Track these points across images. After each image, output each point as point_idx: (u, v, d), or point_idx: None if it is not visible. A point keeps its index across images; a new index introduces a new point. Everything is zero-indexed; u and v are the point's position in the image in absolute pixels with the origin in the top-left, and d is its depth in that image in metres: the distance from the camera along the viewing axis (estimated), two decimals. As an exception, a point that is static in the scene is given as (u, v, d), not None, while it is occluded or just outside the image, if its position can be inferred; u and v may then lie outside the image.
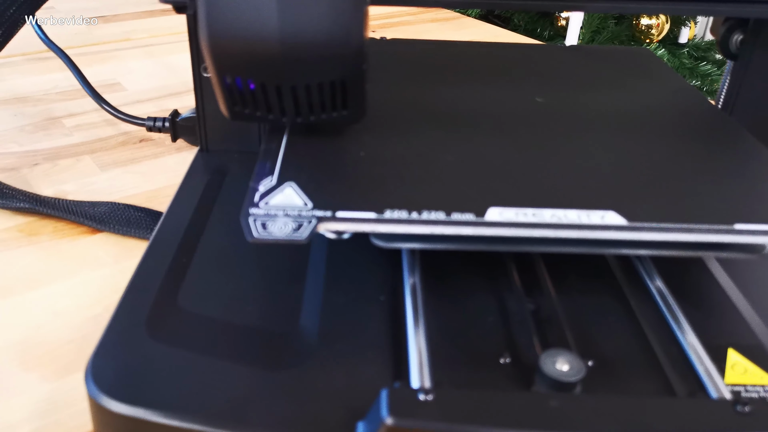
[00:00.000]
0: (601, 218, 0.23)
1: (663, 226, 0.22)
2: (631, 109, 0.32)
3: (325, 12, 0.23)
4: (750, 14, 0.29)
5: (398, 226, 0.22)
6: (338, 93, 0.25)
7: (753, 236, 0.22)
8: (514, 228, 0.22)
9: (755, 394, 0.22)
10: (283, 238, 0.21)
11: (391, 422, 0.18)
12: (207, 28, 0.23)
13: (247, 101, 0.25)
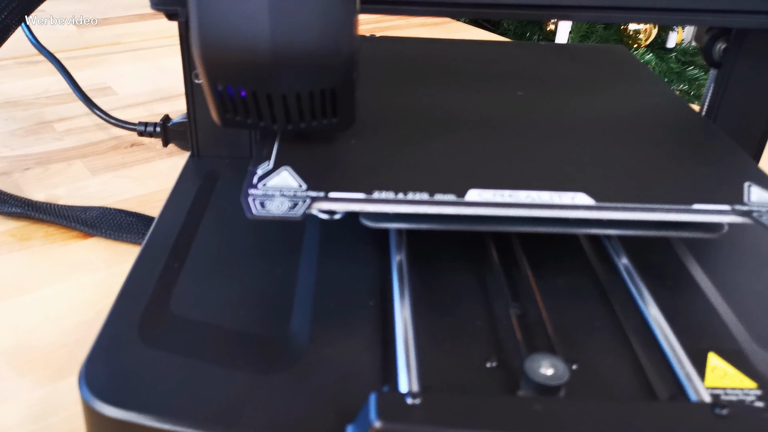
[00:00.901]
0: (571, 199, 0.24)
1: (628, 206, 0.24)
2: (604, 102, 0.34)
3: (316, 22, 0.23)
4: (732, 24, 0.30)
5: (385, 206, 0.24)
6: (328, 101, 0.25)
7: (710, 215, 0.24)
8: (492, 207, 0.24)
9: (734, 397, 0.22)
10: (280, 215, 0.23)
11: (380, 426, 0.18)
12: (199, 38, 0.23)
13: (238, 109, 0.26)
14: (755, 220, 0.24)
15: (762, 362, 0.24)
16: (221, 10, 0.23)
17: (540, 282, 0.27)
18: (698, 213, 0.24)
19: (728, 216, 0.24)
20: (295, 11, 0.23)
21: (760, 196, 0.25)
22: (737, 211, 0.24)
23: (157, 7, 0.29)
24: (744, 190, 0.26)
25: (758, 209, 0.24)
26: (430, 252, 0.28)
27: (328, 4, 0.23)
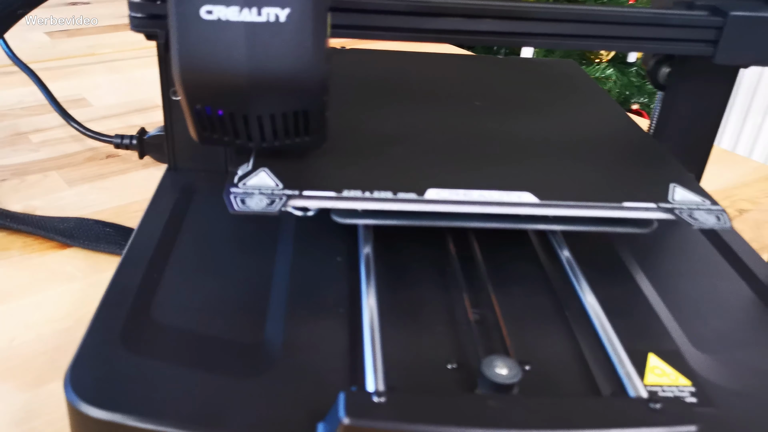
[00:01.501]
0: (518, 197, 0.27)
1: (566, 204, 0.27)
2: (550, 112, 0.38)
3: (289, 50, 0.25)
4: (673, 51, 0.33)
5: (354, 203, 0.26)
6: (301, 121, 0.27)
7: (637, 212, 0.27)
8: (448, 204, 0.27)
9: (671, 393, 0.25)
10: (259, 211, 0.26)
11: (348, 422, 0.20)
12: (179, 62, 0.25)
13: (215, 127, 0.27)
14: (677, 216, 0.27)
15: (696, 362, 0.26)
16: (201, 36, 0.24)
17: (495, 282, 0.29)
18: (627, 210, 0.27)
19: (654, 212, 0.27)
20: (270, 39, 0.25)
21: (683, 195, 0.29)
22: (662, 208, 0.27)
23: (137, 29, 0.30)
24: (669, 190, 0.29)
25: (680, 207, 0.28)
26: (394, 247, 0.31)
27: (300, 34, 0.25)
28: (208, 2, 0.24)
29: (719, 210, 0.28)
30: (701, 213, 0.27)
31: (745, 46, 0.31)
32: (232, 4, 0.24)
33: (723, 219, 0.27)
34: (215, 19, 0.24)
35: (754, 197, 0.49)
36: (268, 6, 0.24)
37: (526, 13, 0.31)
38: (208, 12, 0.24)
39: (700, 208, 0.28)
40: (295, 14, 0.24)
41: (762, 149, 1.28)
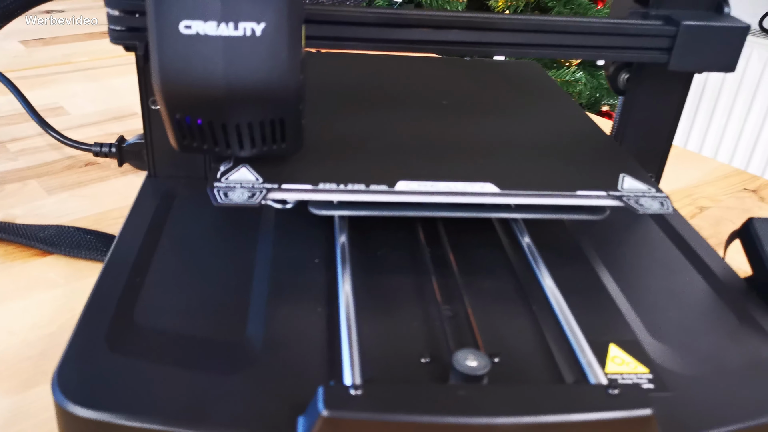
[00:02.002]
0: (480, 187, 0.30)
1: (524, 192, 0.30)
2: (513, 110, 0.40)
3: (265, 62, 0.26)
4: (630, 59, 0.35)
5: (329, 195, 0.28)
6: (278, 129, 0.28)
7: (589, 199, 0.30)
8: (416, 195, 0.29)
9: (629, 380, 0.26)
10: (241, 203, 0.27)
11: (327, 414, 0.21)
12: (159, 75, 0.26)
13: (195, 136, 0.29)
14: (625, 203, 0.30)
15: (653, 350, 0.28)
16: (180, 50, 0.26)
17: (464, 274, 0.31)
18: (580, 197, 0.30)
19: (604, 200, 0.30)
20: (246, 52, 0.26)
21: (631, 184, 0.31)
22: (611, 195, 0.30)
23: (116, 41, 0.31)
24: (619, 179, 0.32)
25: (627, 194, 0.30)
26: (368, 237, 0.33)
27: (275, 46, 0.26)
28: (187, 17, 0.25)
29: (663, 197, 0.30)
30: (646, 200, 0.30)
31: (696, 53, 0.33)
32: (210, 19, 0.25)
33: (666, 204, 0.30)
34: (194, 33, 0.25)
35: (713, 195, 0.52)
36: (245, 21, 0.25)
37: (492, 24, 0.33)
38: (187, 27, 0.25)
39: (645, 195, 0.30)
40: (270, 28, 0.26)
41: (726, 149, 1.32)
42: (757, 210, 0.50)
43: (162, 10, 0.25)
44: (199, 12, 0.25)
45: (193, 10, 0.25)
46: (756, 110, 1.26)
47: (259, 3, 0.25)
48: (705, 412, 0.25)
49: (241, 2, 0.25)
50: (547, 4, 1.13)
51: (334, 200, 0.29)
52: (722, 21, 0.33)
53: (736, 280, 0.33)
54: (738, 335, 0.29)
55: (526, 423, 0.22)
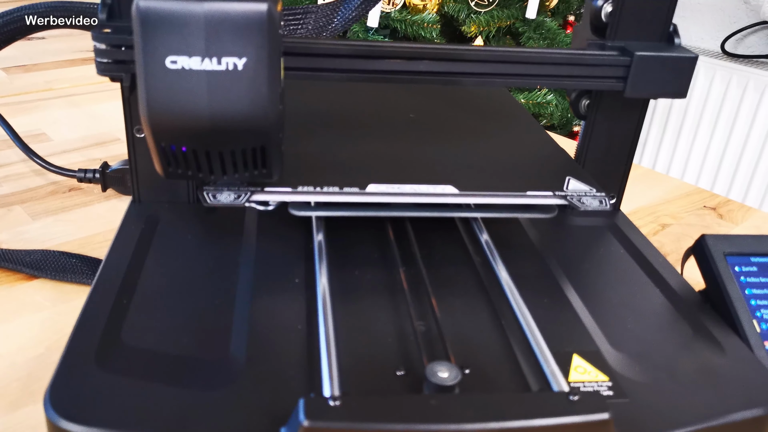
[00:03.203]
0: (442, 189, 0.34)
1: (481, 194, 0.34)
2: (475, 125, 0.46)
3: (247, 94, 0.28)
4: (589, 87, 0.37)
5: (307, 196, 0.32)
6: (259, 156, 0.30)
7: (538, 198, 0.34)
8: (385, 196, 0.33)
9: (591, 388, 0.28)
10: (228, 204, 0.31)
11: (308, 424, 0.23)
12: (147, 106, 0.28)
13: (180, 163, 0.30)
14: (569, 201, 0.34)
15: (613, 359, 0.29)
16: (166, 83, 0.27)
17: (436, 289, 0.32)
18: (529, 197, 0.34)
19: (550, 199, 0.34)
20: (229, 85, 0.28)
21: (575, 185, 0.36)
22: (557, 195, 0.35)
23: (103, 73, 0.32)
24: (565, 182, 0.36)
25: (571, 194, 0.35)
26: (343, 237, 0.36)
27: (256, 80, 0.28)
28: (173, 53, 0.27)
29: (602, 195, 0.35)
30: (587, 198, 0.35)
31: (650, 81, 0.36)
32: (194, 55, 0.27)
33: (604, 202, 0.35)
34: (179, 68, 0.27)
35: (675, 213, 0.54)
36: (227, 56, 0.27)
37: (459, 56, 0.35)
38: (173, 62, 0.27)
39: (587, 194, 0.35)
40: (251, 63, 0.27)
41: (692, 168, 1.37)
42: (716, 226, 0.53)
43: (149, 46, 0.27)
44: (184, 48, 0.27)
45: (179, 46, 0.27)
46: (720, 130, 1.31)
47: (240, 39, 0.27)
48: (660, 416, 0.27)
49: (224, 39, 0.27)
50: (518, 30, 1.17)
51: (312, 202, 0.32)
52: (673, 51, 0.36)
53: (691, 293, 0.35)
54: (692, 344, 0.31)
55: (493, 429, 0.23)
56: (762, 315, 0.32)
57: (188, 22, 0.27)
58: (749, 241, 0.35)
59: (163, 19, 0.27)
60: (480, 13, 1.14)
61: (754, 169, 1.27)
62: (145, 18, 0.27)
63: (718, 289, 0.33)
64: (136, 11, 0.27)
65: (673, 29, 0.37)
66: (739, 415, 0.27)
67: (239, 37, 0.27)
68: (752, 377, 0.29)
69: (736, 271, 0.34)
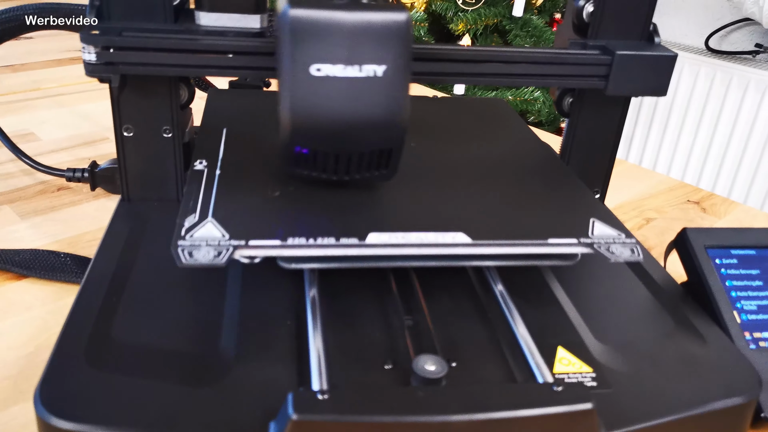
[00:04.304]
0: (452, 238, 0.30)
1: (497, 243, 0.30)
2: (481, 153, 0.40)
3: (384, 99, 0.29)
4: (571, 85, 0.38)
5: (298, 250, 0.28)
6: (384, 158, 0.32)
7: (561, 247, 0.30)
8: (388, 248, 0.29)
9: (575, 379, 0.29)
10: (206, 263, 0.27)
11: (297, 418, 0.23)
12: (290, 111, 0.29)
13: (308, 164, 0.32)
14: (595, 250, 0.30)
15: (597, 351, 0.30)
16: (310, 90, 0.29)
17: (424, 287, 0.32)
18: (552, 246, 0.30)
19: (576, 247, 0.30)
20: (368, 91, 0.29)
21: (601, 230, 0.31)
22: (582, 243, 0.30)
23: (92, 75, 0.33)
24: (589, 225, 0.32)
25: (598, 241, 0.30)
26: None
27: (393, 85, 0.29)
28: (318, 61, 0.28)
29: (633, 243, 0.31)
30: (617, 246, 0.30)
31: (631, 79, 0.37)
32: (337, 63, 0.28)
33: (636, 251, 0.30)
34: (323, 75, 0.28)
35: (659, 207, 0.55)
36: (368, 63, 0.29)
37: (444, 55, 0.35)
38: (318, 69, 0.28)
39: (616, 241, 0.30)
40: (390, 70, 0.29)
41: (678, 164, 1.38)
42: (700, 220, 0.54)
43: (297, 54, 0.28)
44: (328, 56, 0.28)
45: (324, 55, 0.28)
46: (705, 126, 1.32)
47: (382, 47, 0.28)
48: (643, 406, 0.27)
49: (366, 47, 0.28)
50: (505, 27, 1.18)
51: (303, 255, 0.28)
52: (653, 50, 0.37)
53: (674, 286, 0.36)
54: (674, 335, 0.32)
55: (479, 419, 0.24)
56: (742, 306, 0.33)
57: (334, 30, 0.28)
58: (729, 234, 0.35)
59: (311, 28, 0.28)
60: (467, 11, 1.14)
61: (738, 164, 1.29)
62: (295, 26, 0.28)
63: (700, 281, 0.34)
64: (286, 20, 0.28)
65: (653, 28, 0.38)
66: (720, 403, 0.28)
67: (381, 46, 0.28)
68: (733, 367, 0.30)
69: (716, 263, 0.34)
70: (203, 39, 0.33)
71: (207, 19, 0.35)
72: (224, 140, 0.38)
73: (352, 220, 0.30)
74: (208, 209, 0.30)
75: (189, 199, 0.31)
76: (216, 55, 0.33)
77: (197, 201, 0.31)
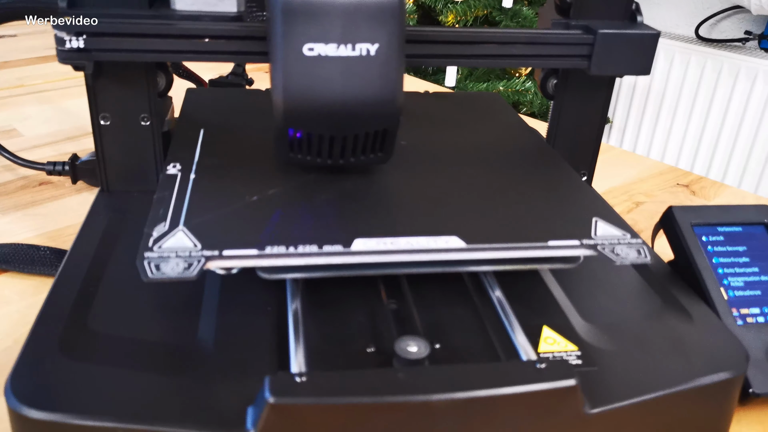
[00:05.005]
0: (445, 242, 0.27)
1: (495, 246, 0.28)
2: (475, 149, 0.38)
3: (378, 78, 0.29)
4: (554, 65, 0.37)
5: (278, 260, 0.26)
6: (378, 140, 0.31)
7: (563, 250, 0.28)
8: (375, 255, 0.27)
9: (560, 357, 0.28)
10: (175, 277, 0.24)
11: (274, 401, 0.22)
12: (283, 92, 0.28)
13: (303, 148, 0.31)
14: (599, 252, 0.28)
15: (583, 330, 0.30)
16: (303, 70, 0.28)
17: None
18: (553, 249, 0.28)
19: (578, 249, 0.28)
20: (361, 70, 0.29)
21: (605, 230, 0.29)
22: (585, 245, 0.28)
23: (65, 62, 0.32)
24: (592, 225, 0.30)
25: (602, 242, 0.28)
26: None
27: (387, 64, 0.29)
28: (311, 41, 0.28)
29: (639, 243, 0.29)
30: (622, 248, 0.28)
31: (613, 59, 0.36)
32: (330, 42, 0.28)
33: (643, 252, 0.28)
34: (316, 55, 0.28)
35: (649, 191, 0.55)
36: (361, 42, 0.28)
37: (426, 37, 0.35)
38: (310, 49, 0.28)
39: (621, 242, 0.28)
40: (383, 48, 0.29)
41: (671, 152, 1.38)
42: (689, 203, 0.53)
43: (289, 34, 0.28)
44: (321, 35, 0.28)
45: (317, 34, 0.28)
46: (697, 113, 1.32)
47: (374, 25, 0.28)
48: (629, 383, 0.27)
49: (359, 25, 0.28)
50: (495, 18, 1.18)
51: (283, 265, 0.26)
52: (635, 29, 0.36)
53: (661, 265, 0.35)
54: (661, 313, 0.31)
55: (460, 398, 0.23)
56: (729, 283, 0.33)
57: (327, 10, 0.28)
58: (716, 212, 0.35)
59: (304, 8, 0.28)
60: (456, 2, 1.14)
61: (731, 150, 1.29)
62: (288, 6, 0.28)
63: (686, 259, 0.34)
64: (278, 0, 0.28)
65: (636, 7, 0.38)
66: (706, 379, 0.27)
67: (373, 24, 0.28)
68: (719, 343, 0.29)
69: (703, 240, 0.34)
70: (178, 23, 0.33)
71: (182, 4, 0.34)
72: (201, 142, 0.36)
73: (336, 225, 0.28)
74: (180, 217, 0.28)
75: (159, 206, 0.29)
76: (192, 40, 0.33)
77: (168, 208, 0.29)
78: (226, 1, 0.34)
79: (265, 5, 0.30)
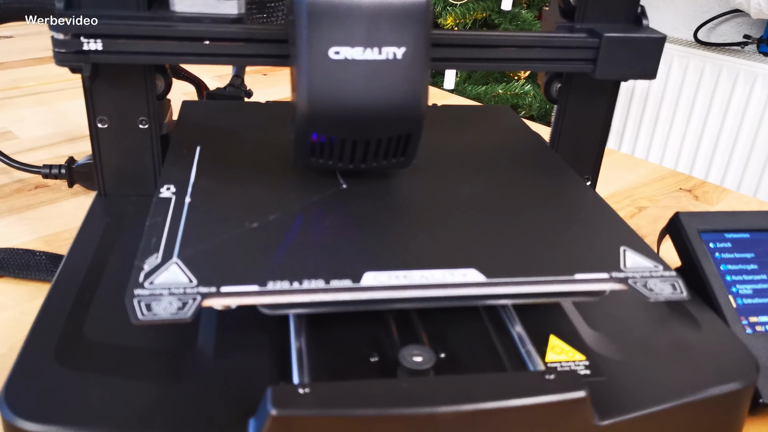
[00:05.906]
0: (463, 276, 0.25)
1: (516, 280, 0.25)
2: (489, 172, 0.35)
3: (403, 81, 0.28)
4: (558, 69, 0.37)
5: (281, 297, 0.23)
6: (402, 144, 0.31)
7: (590, 284, 0.26)
8: (387, 291, 0.24)
9: (568, 367, 0.28)
10: (167, 318, 0.22)
11: (276, 413, 0.22)
12: (308, 96, 0.28)
13: (324, 152, 0.30)
14: (630, 287, 0.26)
15: (590, 339, 0.29)
16: (328, 73, 0.28)
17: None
18: (580, 282, 0.26)
19: (608, 284, 0.26)
20: (387, 74, 0.28)
21: (635, 261, 0.27)
22: (615, 278, 0.26)
23: (62, 63, 0.31)
24: (620, 255, 0.27)
25: (633, 275, 0.26)
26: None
27: (412, 68, 0.28)
28: (337, 44, 0.27)
29: (673, 277, 0.26)
30: (655, 282, 0.26)
31: (619, 62, 0.36)
32: (356, 45, 0.28)
33: (679, 287, 0.26)
34: (342, 58, 0.28)
35: (651, 195, 0.55)
36: (387, 46, 0.28)
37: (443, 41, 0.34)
38: (336, 53, 0.28)
39: (653, 275, 0.26)
40: (409, 52, 0.28)
41: (670, 156, 1.38)
42: (692, 208, 0.53)
43: (315, 37, 0.27)
44: (347, 39, 0.28)
45: (342, 38, 0.28)
46: (696, 117, 1.32)
47: (401, 29, 0.28)
48: (638, 394, 0.26)
49: (385, 29, 0.28)
50: (494, 21, 1.17)
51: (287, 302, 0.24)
52: (641, 32, 0.36)
53: (667, 272, 0.35)
54: (668, 321, 0.31)
55: (467, 410, 0.23)
56: (737, 290, 0.32)
57: (353, 13, 0.27)
58: (723, 218, 0.35)
59: (330, 11, 0.27)
60: (456, 5, 1.14)
61: (730, 154, 1.29)
62: (313, 9, 0.27)
63: (694, 266, 0.33)
64: (303, 2, 0.27)
65: (641, 11, 0.37)
66: (716, 389, 0.27)
67: (400, 27, 0.28)
68: (729, 352, 0.29)
69: (710, 247, 0.33)
70: (177, 25, 0.32)
71: (182, 6, 0.34)
72: (197, 161, 0.33)
73: (344, 255, 0.26)
74: (174, 247, 0.26)
75: (152, 235, 0.27)
76: (191, 42, 0.32)
77: (161, 237, 0.26)
78: (226, 3, 0.34)
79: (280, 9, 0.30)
